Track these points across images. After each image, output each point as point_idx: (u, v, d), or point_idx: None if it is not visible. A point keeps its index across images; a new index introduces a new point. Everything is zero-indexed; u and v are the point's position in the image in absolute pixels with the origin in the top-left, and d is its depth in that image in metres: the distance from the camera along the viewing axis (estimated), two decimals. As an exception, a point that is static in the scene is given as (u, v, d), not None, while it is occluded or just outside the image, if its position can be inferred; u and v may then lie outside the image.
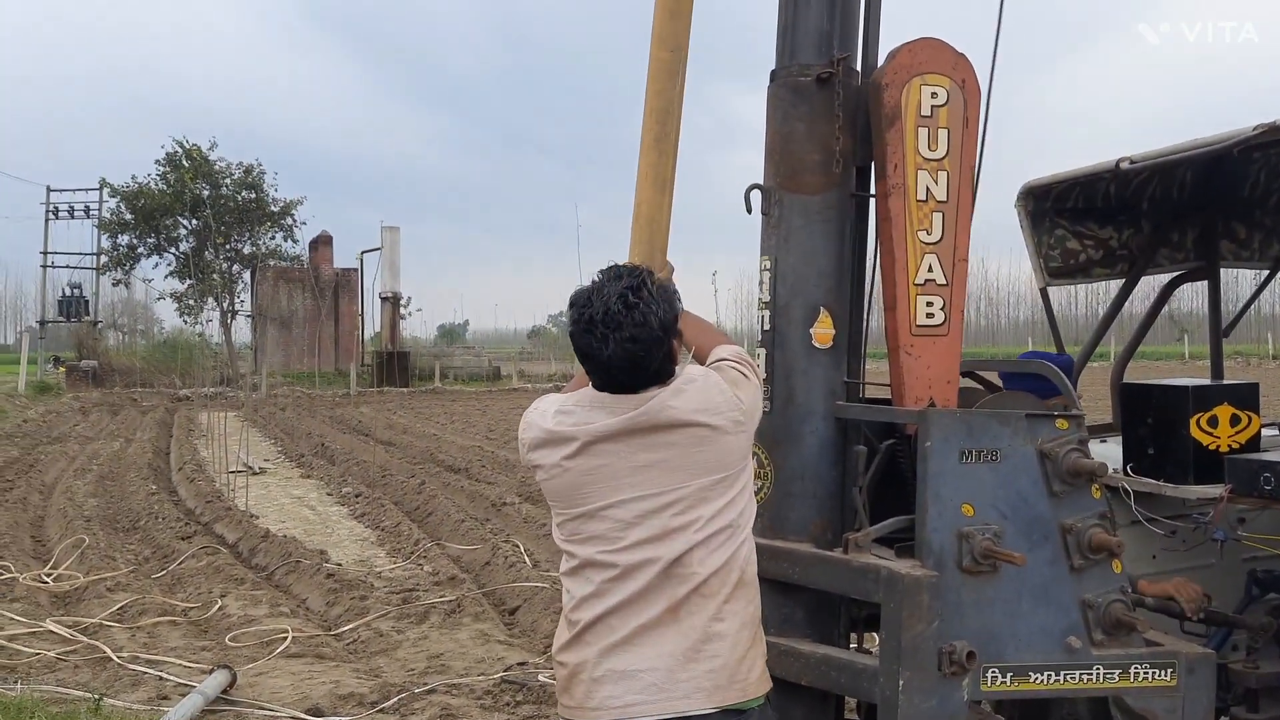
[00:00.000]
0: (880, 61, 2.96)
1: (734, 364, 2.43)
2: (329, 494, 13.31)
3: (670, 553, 2.24)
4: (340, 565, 8.91)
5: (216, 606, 7.36)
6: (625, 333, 2.24)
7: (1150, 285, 5.27)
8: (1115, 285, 5.01)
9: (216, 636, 6.79)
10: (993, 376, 3.61)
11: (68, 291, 44.63)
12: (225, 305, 41.75)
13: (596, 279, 2.36)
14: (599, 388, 2.34)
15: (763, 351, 3.00)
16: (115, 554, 9.21)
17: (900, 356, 2.91)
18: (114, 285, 44.66)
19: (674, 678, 2.24)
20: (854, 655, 2.91)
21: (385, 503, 11.84)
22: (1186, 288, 5.04)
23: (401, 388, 37.13)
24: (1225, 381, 4.21)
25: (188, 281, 40.42)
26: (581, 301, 2.32)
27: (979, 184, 2.98)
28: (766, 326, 3.00)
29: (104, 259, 42.69)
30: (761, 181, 3.01)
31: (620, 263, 2.44)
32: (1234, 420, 3.76)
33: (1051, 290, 4.83)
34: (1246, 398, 3.79)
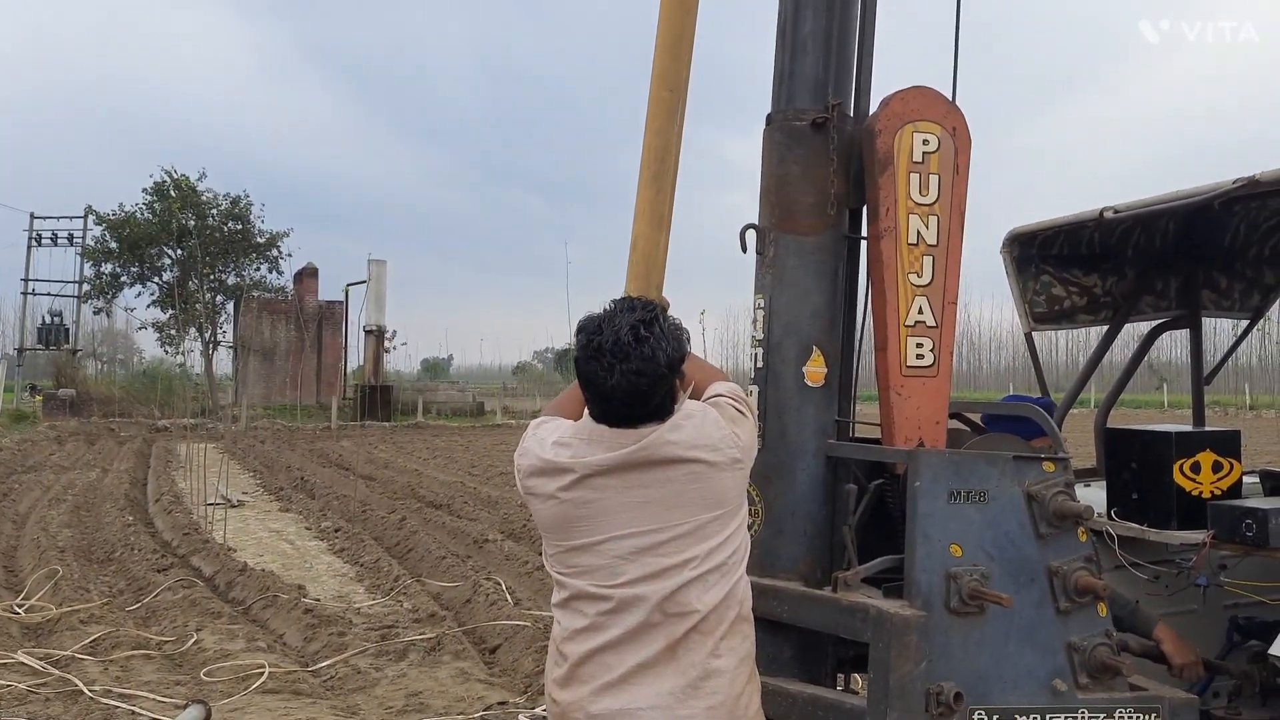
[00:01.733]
0: (873, 108, 3.03)
1: (731, 401, 2.42)
2: (308, 528, 13.19)
3: (665, 589, 2.23)
4: (319, 600, 8.81)
5: (192, 640, 7.26)
6: (632, 365, 2.22)
7: (1130, 332, 5.34)
8: (1097, 332, 5.08)
9: (191, 671, 6.70)
10: (979, 418, 3.64)
11: (48, 319, 44.39)
12: (207, 336, 41.56)
13: (608, 308, 2.34)
14: (596, 417, 2.33)
15: (755, 389, 3.03)
16: (89, 585, 9.08)
17: (890, 396, 2.94)
18: (95, 314, 44.46)
19: (674, 715, 2.23)
20: (841, 695, 2.91)
21: (365, 538, 11.74)
22: (1165, 337, 5.11)
23: (384, 422, 36.94)
24: (1207, 428, 4.26)
25: (170, 311, 40.24)
26: (591, 328, 2.30)
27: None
28: (759, 364, 3.03)
29: (86, 287, 42.50)
30: (756, 221, 3.06)
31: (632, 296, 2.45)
32: (1216, 467, 3.80)
33: (1035, 335, 4.89)
34: (1228, 445, 3.83)
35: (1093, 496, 4.07)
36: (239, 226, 41.57)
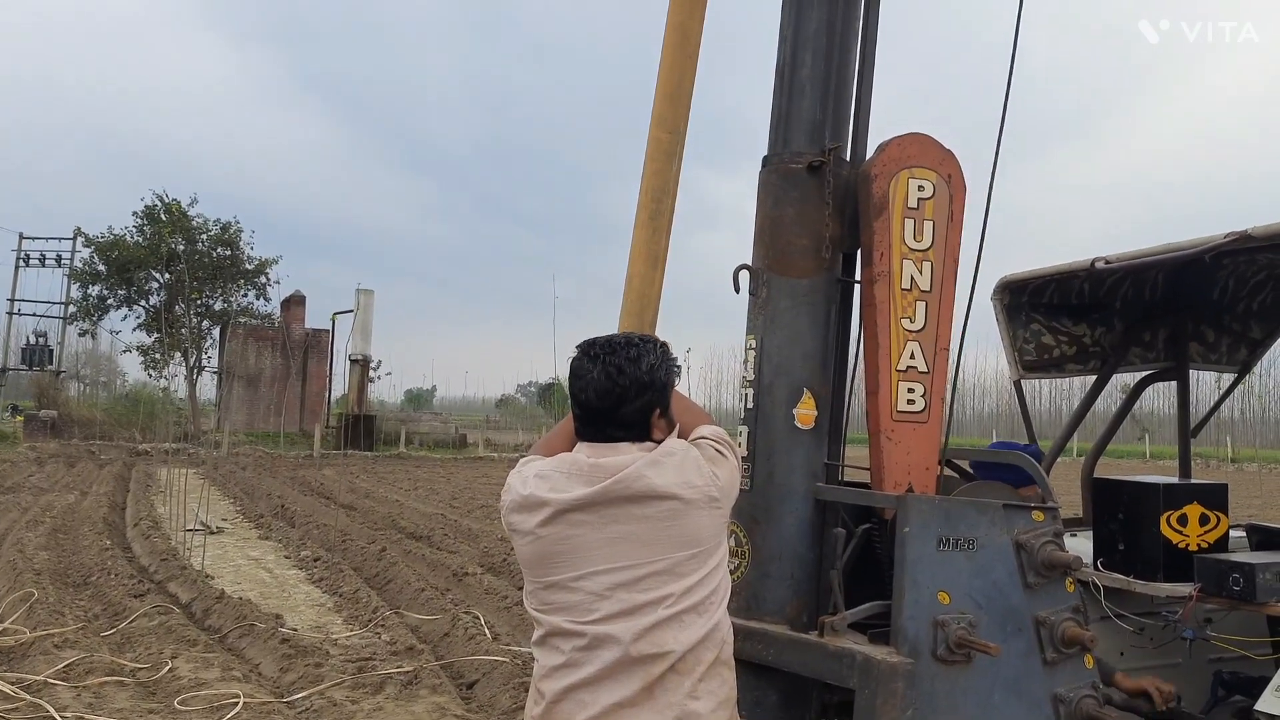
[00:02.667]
0: (869, 152, 3.05)
1: (713, 442, 2.43)
2: (287, 557, 13.06)
3: (639, 627, 2.22)
4: (296, 630, 8.70)
5: (166, 668, 7.14)
6: (616, 360, 2.33)
7: (1115, 383, 5.36)
8: (1082, 381, 5.10)
9: (165, 699, 6.59)
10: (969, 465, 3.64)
11: (32, 340, 44.15)
12: (192, 361, 41.37)
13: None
14: (578, 429, 2.39)
15: (745, 429, 3.02)
16: (64, 609, 8.95)
17: (880, 441, 2.94)
18: (80, 335, 44.23)
19: None
20: (825, 741, 2.88)
21: (344, 568, 11.62)
22: (1148, 388, 5.14)
23: (366, 451, 36.75)
24: (1194, 481, 4.27)
25: (155, 335, 40.06)
26: (592, 338, 2.43)
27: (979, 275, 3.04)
28: (749, 405, 3.02)
29: (72, 309, 42.31)
30: (750, 262, 3.07)
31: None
32: (1203, 520, 3.81)
33: (1022, 383, 4.90)
34: (1216, 498, 3.84)
35: (1079, 546, 4.07)
36: (228, 252, 41.55)
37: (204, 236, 41.16)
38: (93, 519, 15.32)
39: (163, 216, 40.21)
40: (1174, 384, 4.94)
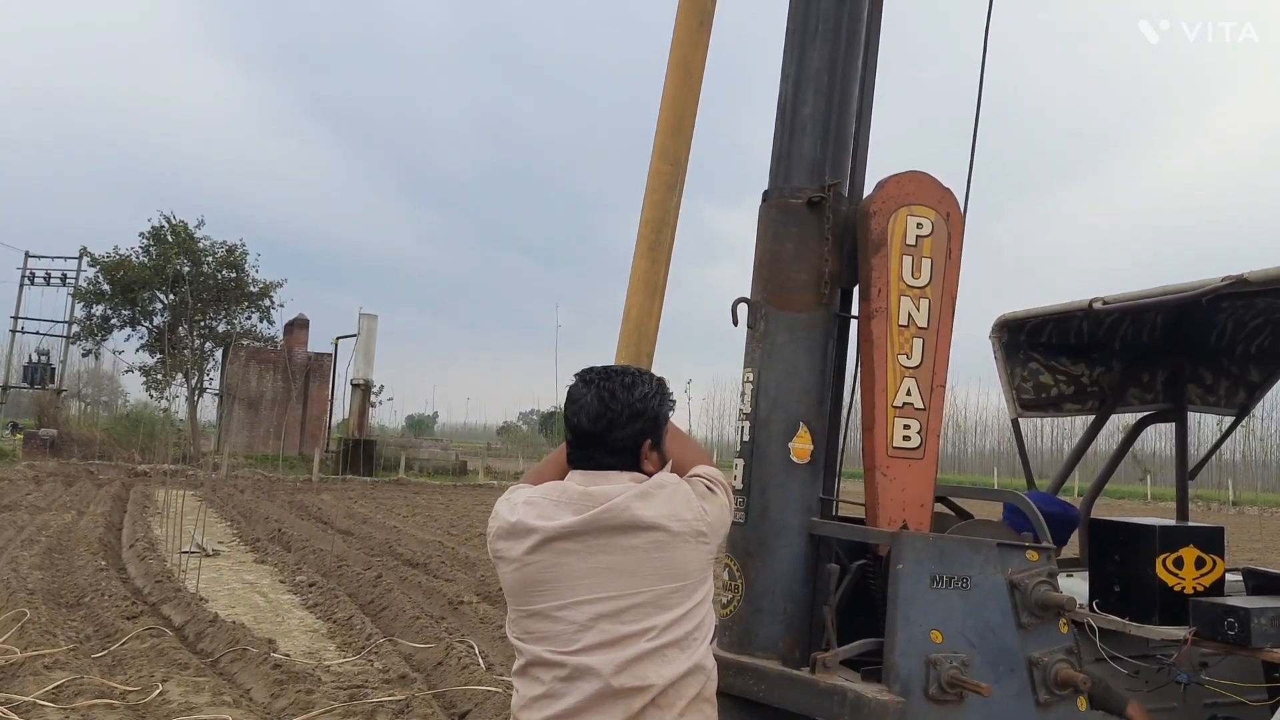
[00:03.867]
0: (868, 189, 3.07)
1: (704, 479, 2.44)
2: (282, 581, 13.00)
3: (620, 659, 2.21)
4: (288, 656, 8.66)
5: (156, 691, 7.10)
6: (610, 385, 2.37)
7: (1115, 423, 5.37)
8: (1082, 421, 5.10)
9: (154, 723, 6.55)
10: (965, 502, 3.63)
11: (34, 358, 44.20)
12: (194, 382, 41.38)
13: None
14: (570, 447, 2.41)
15: (740, 463, 3.02)
16: (56, 630, 8.92)
17: (876, 477, 2.94)
18: (83, 355, 44.27)
19: None
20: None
21: (339, 594, 11.57)
22: (1151, 428, 5.14)
23: (365, 476, 36.67)
24: (1191, 524, 4.26)
25: (158, 355, 40.09)
26: (590, 366, 2.48)
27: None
28: (746, 438, 3.02)
29: (76, 328, 42.38)
30: (749, 296, 3.08)
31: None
32: (1199, 563, 3.79)
33: (1020, 422, 4.90)
34: (1212, 541, 3.83)
35: (1075, 586, 4.06)
36: (233, 275, 41.65)
37: (210, 258, 41.29)
38: (88, 539, 15.28)
39: (169, 237, 40.36)
40: (1174, 425, 4.93)
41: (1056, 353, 4.77)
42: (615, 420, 2.34)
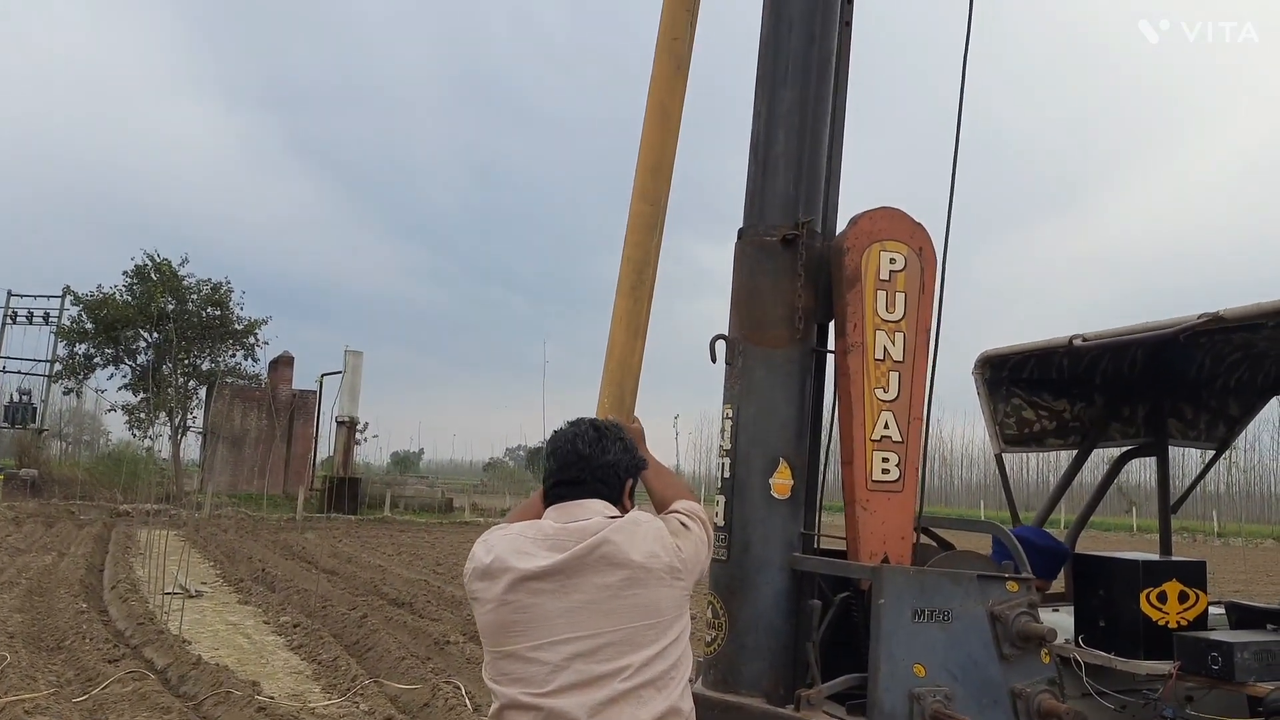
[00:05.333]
0: (841, 226, 3.10)
1: (682, 515, 2.45)
2: (266, 622, 12.87)
3: (596, 700, 2.18)
4: (273, 699, 8.55)
5: (137, 735, 7.01)
6: (597, 423, 2.48)
7: (1101, 455, 5.39)
8: (1067, 455, 5.12)
9: (134, 768, 6.46)
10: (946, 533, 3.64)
11: (16, 398, 43.90)
12: (178, 420, 41.11)
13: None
14: (551, 477, 2.44)
15: (721, 499, 3.02)
16: (37, 674, 8.80)
17: (856, 510, 2.95)
18: (65, 394, 43.97)
19: None
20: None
21: (324, 634, 11.45)
22: (1136, 461, 5.16)
23: (350, 515, 36.39)
24: (1174, 558, 4.27)
25: (141, 395, 39.84)
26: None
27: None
28: (726, 474, 3.03)
29: (58, 367, 42.13)
30: (726, 332, 3.10)
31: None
32: (1182, 597, 3.81)
33: (1005, 456, 4.92)
34: (1194, 575, 3.84)
35: (1061, 621, 4.06)
36: (218, 312, 41.51)
37: (194, 296, 41.17)
38: (69, 581, 15.11)
39: (153, 276, 40.25)
40: (1156, 459, 4.96)
41: (1038, 388, 4.81)
42: (605, 443, 2.41)
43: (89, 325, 40.23)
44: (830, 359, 3.10)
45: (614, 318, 3.07)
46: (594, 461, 2.40)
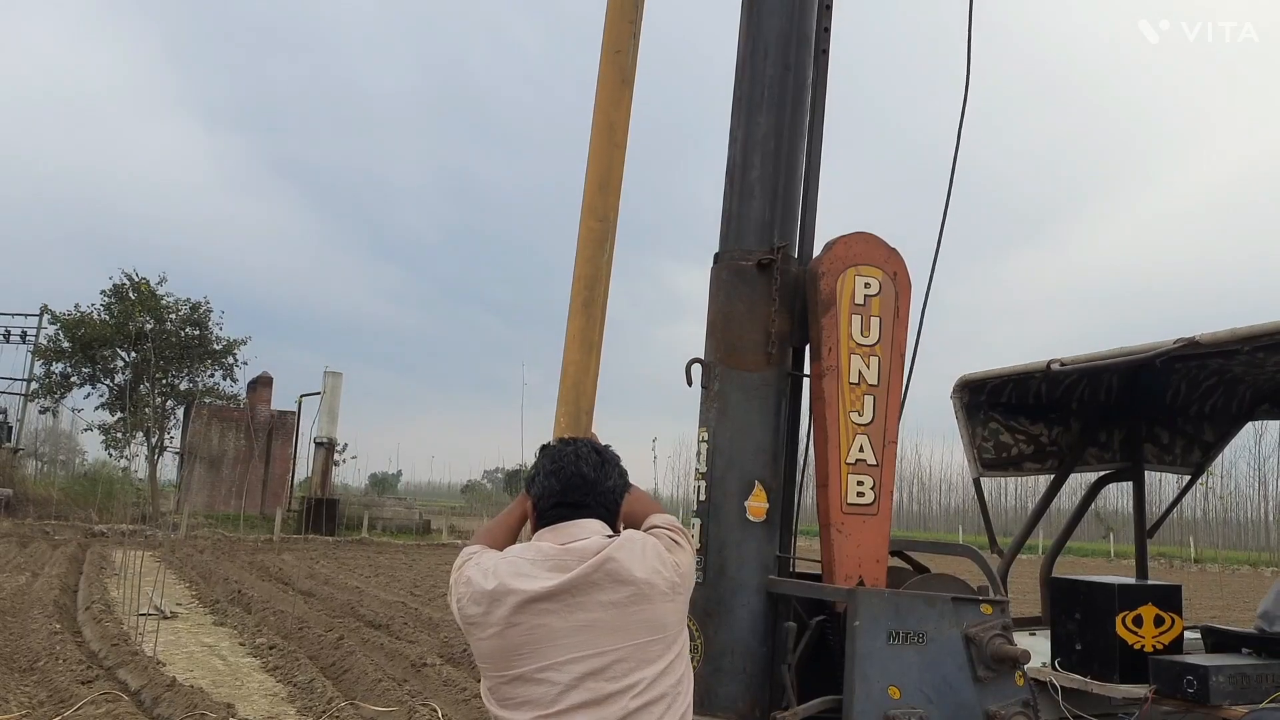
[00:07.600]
0: (816, 250, 3.12)
1: (668, 531, 2.45)
2: (241, 644, 12.75)
3: (608, 717, 2.18)
4: (246, 721, 8.47)
5: (108, 759, 6.92)
6: (594, 444, 2.49)
7: (1078, 480, 5.42)
8: (1045, 480, 5.15)
9: (104, 792, 6.37)
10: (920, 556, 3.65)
11: (-10, 417, 43.49)
12: (155, 440, 40.75)
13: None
14: (552, 498, 2.41)
15: (698, 522, 3.02)
16: (9, 695, 8.69)
17: (831, 533, 2.96)
18: (41, 413, 43.56)
19: None
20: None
21: (300, 656, 11.35)
22: (1113, 485, 5.20)
23: (328, 536, 36.13)
24: (1150, 582, 4.30)
25: (119, 414, 39.50)
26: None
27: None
28: (702, 497, 3.03)
29: (35, 385, 41.75)
30: (703, 356, 3.11)
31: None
32: (1158, 621, 3.83)
33: (983, 480, 4.94)
34: (1170, 599, 3.87)
35: (1038, 645, 4.08)
36: (197, 332, 41.25)
37: (173, 316, 40.91)
38: (43, 601, 14.92)
39: (131, 295, 39.98)
40: (1132, 484, 4.99)
41: (1016, 413, 4.84)
42: (600, 474, 2.41)
43: (66, 344, 39.88)
44: (806, 383, 3.12)
45: (567, 336, 3.04)
46: (599, 486, 2.40)
